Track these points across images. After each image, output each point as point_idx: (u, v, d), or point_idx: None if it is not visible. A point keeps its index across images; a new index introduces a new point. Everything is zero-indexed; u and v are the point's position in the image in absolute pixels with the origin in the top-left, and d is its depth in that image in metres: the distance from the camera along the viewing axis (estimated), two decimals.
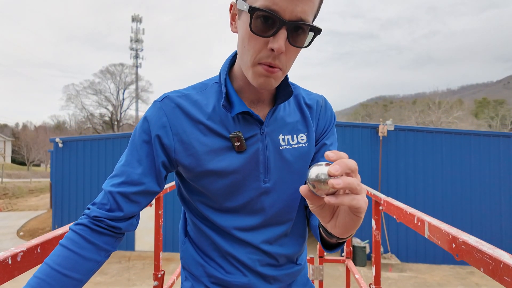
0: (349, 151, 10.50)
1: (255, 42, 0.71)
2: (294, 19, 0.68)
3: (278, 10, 0.67)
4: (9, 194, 21.73)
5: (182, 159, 0.82)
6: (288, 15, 0.68)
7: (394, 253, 10.23)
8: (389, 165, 10.47)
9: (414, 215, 1.01)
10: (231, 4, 0.79)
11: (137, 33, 49.52)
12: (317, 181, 0.54)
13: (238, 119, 0.82)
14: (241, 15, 0.75)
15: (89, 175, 11.52)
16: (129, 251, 11.18)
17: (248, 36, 0.72)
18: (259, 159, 0.84)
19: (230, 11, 0.80)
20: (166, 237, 10.45)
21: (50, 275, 0.69)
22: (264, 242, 0.88)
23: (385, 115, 47.14)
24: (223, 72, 0.85)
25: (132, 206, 0.80)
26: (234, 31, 0.80)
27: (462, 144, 10.41)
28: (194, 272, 0.93)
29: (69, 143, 11.69)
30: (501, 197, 10.28)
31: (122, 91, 43.18)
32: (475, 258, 0.69)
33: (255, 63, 0.73)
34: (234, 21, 0.80)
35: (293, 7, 0.67)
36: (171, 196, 10.58)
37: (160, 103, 0.82)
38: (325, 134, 0.96)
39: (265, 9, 0.67)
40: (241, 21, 0.75)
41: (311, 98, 0.96)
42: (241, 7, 0.72)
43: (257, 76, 0.74)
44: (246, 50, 0.74)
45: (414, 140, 10.49)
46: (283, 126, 0.88)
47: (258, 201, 0.86)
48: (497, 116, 44.55)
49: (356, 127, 10.71)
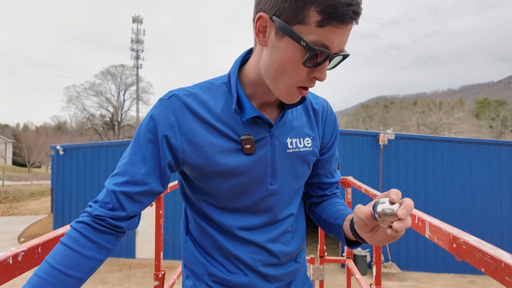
0: (350, 159, 10.50)
1: (299, 70, 0.73)
2: (338, 52, 0.72)
3: (330, 47, 0.70)
4: (10, 198, 21.76)
5: (190, 160, 0.81)
6: (337, 49, 0.71)
7: (394, 261, 10.22)
8: (389, 173, 10.46)
9: (415, 215, 1.01)
10: (260, 15, 0.74)
11: (138, 34, 49.53)
12: (383, 214, 0.66)
13: (247, 121, 0.83)
14: (282, 38, 0.72)
15: (90, 182, 11.53)
16: (130, 259, 11.19)
17: (293, 64, 0.72)
18: (267, 162, 0.85)
19: (257, 22, 0.75)
20: (166, 245, 10.45)
21: (51, 274, 0.69)
22: (268, 240, 0.89)
23: (385, 116, 47.12)
24: (233, 74, 0.84)
25: (134, 206, 0.79)
26: (263, 44, 0.76)
27: (463, 153, 10.39)
28: (195, 271, 0.93)
29: (69, 151, 11.70)
30: (502, 206, 10.27)
31: (122, 92, 43.20)
32: (476, 258, 0.69)
33: (294, 86, 0.75)
34: (264, 36, 0.76)
35: (342, 43, 0.71)
36: (171, 205, 10.58)
37: (167, 101, 0.80)
38: (331, 141, 0.99)
39: (322, 48, 0.69)
40: (282, 43, 0.72)
41: (318, 102, 0.97)
42: (285, 31, 0.70)
43: (290, 95, 0.77)
44: (285, 73, 0.74)
45: (414, 149, 10.47)
46: (291, 129, 0.89)
47: (264, 202, 0.87)
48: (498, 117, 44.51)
49: (357, 135, 10.70)
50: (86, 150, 11.71)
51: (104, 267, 10.31)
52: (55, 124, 52.94)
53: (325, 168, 1.01)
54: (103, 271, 10.17)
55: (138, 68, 46.64)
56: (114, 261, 10.97)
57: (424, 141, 10.51)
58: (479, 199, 10.28)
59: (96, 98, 41.62)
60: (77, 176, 11.60)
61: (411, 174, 10.43)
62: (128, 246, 11.20)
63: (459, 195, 10.32)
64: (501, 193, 10.27)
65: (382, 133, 10.26)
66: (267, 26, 0.75)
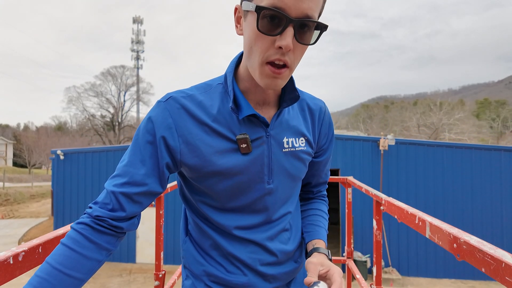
0: (350, 164, 10.49)
1: (262, 41, 0.72)
2: (301, 16, 0.69)
3: (284, 8, 0.68)
4: (10, 200, 21.77)
5: (187, 161, 0.82)
6: (294, 12, 0.68)
7: (395, 267, 10.21)
8: (390, 179, 10.44)
9: (415, 215, 1.01)
10: (236, 7, 0.80)
11: (138, 35, 49.50)
12: None
13: (244, 121, 0.83)
14: (246, 16, 0.75)
15: (90, 186, 11.54)
16: (130, 264, 11.18)
17: (255, 35, 0.72)
18: (264, 161, 0.86)
19: (235, 14, 0.81)
20: (167, 249, 10.45)
21: (52, 274, 0.69)
22: (267, 239, 0.90)
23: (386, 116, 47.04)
24: (229, 74, 0.85)
25: (134, 207, 0.80)
26: (240, 33, 0.81)
27: (463, 158, 10.37)
28: (194, 271, 0.94)
29: (70, 155, 11.70)
30: (502, 211, 10.25)
31: (123, 93, 43.10)
32: (477, 259, 0.69)
33: (263, 62, 0.73)
34: (240, 24, 0.80)
35: (299, 4, 0.68)
36: (171, 208, 10.57)
37: (165, 103, 0.82)
38: (327, 142, 1.01)
39: (272, 7, 0.68)
40: (247, 22, 0.75)
41: (315, 103, 0.98)
42: (246, 8, 0.73)
43: (264, 77, 0.75)
44: (253, 50, 0.74)
45: (415, 154, 10.46)
46: (287, 128, 0.89)
47: (261, 201, 0.88)
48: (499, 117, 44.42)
49: (357, 140, 10.68)
50: (87, 154, 11.71)
51: (104, 272, 10.31)
52: (56, 124, 52.95)
53: (319, 169, 1.04)
54: (104, 276, 10.16)
55: (138, 68, 46.65)
56: (115, 266, 10.97)
57: (424, 146, 10.50)
58: (479, 205, 10.26)
59: (97, 99, 41.58)
60: (78, 180, 11.61)
61: (412, 180, 10.41)
62: (128, 250, 11.19)
63: (459, 200, 10.30)
64: (502, 199, 10.24)
65: (382, 139, 10.24)
66: (241, 15, 0.79)
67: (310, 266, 0.83)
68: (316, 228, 1.00)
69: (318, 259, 0.85)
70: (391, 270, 10.01)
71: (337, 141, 10.33)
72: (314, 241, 0.96)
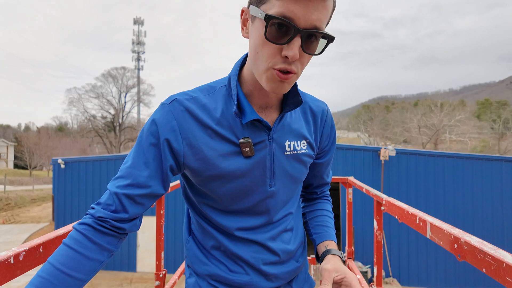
0: (351, 174, 10.48)
1: (269, 49, 0.72)
2: (309, 27, 0.69)
3: (293, 18, 0.68)
4: (11, 204, 21.80)
5: (191, 163, 0.82)
6: (303, 23, 0.68)
7: (395, 277, 10.21)
8: (391, 189, 10.43)
9: (416, 215, 1.01)
10: (243, 10, 0.79)
11: (139, 36, 49.50)
12: None
13: (247, 125, 0.84)
14: (254, 21, 0.75)
15: (91, 195, 11.56)
16: (131, 272, 11.20)
17: (262, 42, 0.72)
18: (266, 165, 0.86)
19: (241, 16, 0.80)
20: (167, 257, 10.45)
21: (53, 275, 0.69)
22: (269, 239, 0.91)
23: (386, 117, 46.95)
24: (234, 77, 0.85)
25: (136, 208, 0.80)
26: (246, 36, 0.80)
27: (464, 168, 10.36)
28: (197, 270, 0.95)
29: (70, 164, 11.72)
30: (503, 222, 10.24)
31: (124, 94, 43.07)
32: (477, 259, 0.68)
33: (269, 68, 0.73)
34: (246, 27, 0.80)
35: (309, 15, 0.68)
36: (172, 218, 10.58)
37: (169, 105, 0.82)
38: (329, 144, 1.01)
39: (281, 16, 0.68)
40: (254, 27, 0.75)
41: (317, 105, 0.98)
42: (254, 13, 0.73)
43: (270, 81, 0.75)
44: (259, 56, 0.74)
45: (416, 164, 10.45)
46: (289, 132, 0.90)
47: (263, 204, 0.89)
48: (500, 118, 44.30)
49: (358, 150, 10.68)
50: (87, 163, 11.74)
51: (105, 281, 10.32)
52: (57, 125, 52.98)
53: (321, 171, 1.05)
54: (104, 285, 10.18)
55: (139, 70, 46.63)
56: (115, 275, 10.99)
57: (425, 156, 10.49)
58: (480, 215, 10.25)
59: (97, 101, 41.53)
60: (78, 188, 11.64)
61: (413, 190, 10.40)
62: (129, 259, 11.21)
63: (460, 211, 10.29)
64: (503, 209, 10.24)
65: (383, 149, 10.24)
66: (248, 18, 0.78)
67: (325, 273, 0.85)
68: (326, 229, 1.02)
69: (333, 265, 0.87)
70: (391, 280, 10.00)
71: (337, 151, 10.34)
72: (325, 242, 0.98)
